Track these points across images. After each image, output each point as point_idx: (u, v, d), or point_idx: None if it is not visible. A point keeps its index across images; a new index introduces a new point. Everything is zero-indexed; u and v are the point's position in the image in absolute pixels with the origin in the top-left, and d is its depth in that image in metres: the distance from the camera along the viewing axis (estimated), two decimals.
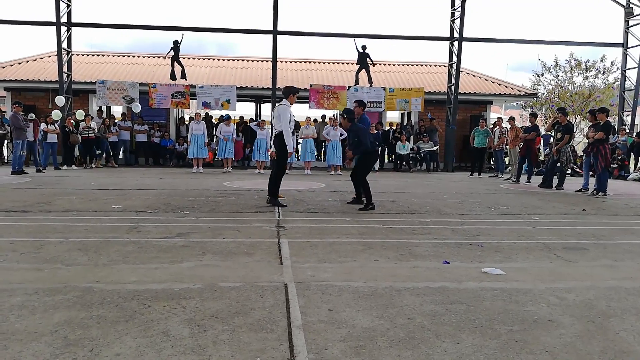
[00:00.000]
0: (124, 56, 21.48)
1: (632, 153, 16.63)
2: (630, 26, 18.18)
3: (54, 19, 16.23)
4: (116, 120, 17.02)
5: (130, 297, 3.14)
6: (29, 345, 2.41)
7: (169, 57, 17.41)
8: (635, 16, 17.90)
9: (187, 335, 2.57)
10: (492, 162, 17.18)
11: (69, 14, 16.69)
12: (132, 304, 3.01)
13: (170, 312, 2.89)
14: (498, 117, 16.06)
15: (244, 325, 2.73)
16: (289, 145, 7.22)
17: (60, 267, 3.83)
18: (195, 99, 16.94)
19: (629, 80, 18.54)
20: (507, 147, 14.60)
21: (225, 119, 15.58)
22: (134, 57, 21.48)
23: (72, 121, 15.30)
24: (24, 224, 5.64)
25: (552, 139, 15.61)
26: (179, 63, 17.21)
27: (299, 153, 16.54)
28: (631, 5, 17.90)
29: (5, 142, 16.31)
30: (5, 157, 16.61)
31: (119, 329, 2.64)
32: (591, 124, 10.68)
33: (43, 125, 14.40)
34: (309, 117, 16.66)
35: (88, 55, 21.24)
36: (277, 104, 7.48)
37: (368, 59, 17.14)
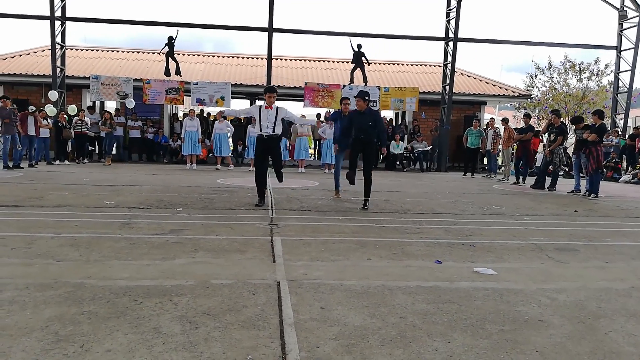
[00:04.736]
0: (118, 51, 21.36)
1: (624, 155, 16.75)
2: (624, 29, 18.30)
3: (48, 13, 16.12)
4: None
5: (121, 294, 3.12)
6: (19, 341, 2.40)
7: (163, 53, 17.36)
8: (629, 19, 18.02)
9: (179, 332, 2.56)
10: (485, 163, 17.25)
11: (63, 8, 16.59)
12: (123, 300, 3.00)
13: (162, 309, 2.88)
14: (491, 118, 16.13)
15: (236, 322, 2.72)
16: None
17: (52, 263, 3.81)
18: (190, 96, 16.89)
19: (622, 82, 18.66)
20: (501, 147, 14.68)
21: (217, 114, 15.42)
22: (128, 52, 21.37)
23: (65, 116, 15.19)
24: (15, 219, 5.60)
25: (545, 140, 15.71)
26: (174, 59, 17.15)
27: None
28: (625, 9, 18.02)
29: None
30: None
31: (110, 325, 2.63)
32: (585, 124, 10.73)
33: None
34: (304, 115, 16.64)
35: (82, 50, 21.14)
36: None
37: (363, 58, 17.18)
